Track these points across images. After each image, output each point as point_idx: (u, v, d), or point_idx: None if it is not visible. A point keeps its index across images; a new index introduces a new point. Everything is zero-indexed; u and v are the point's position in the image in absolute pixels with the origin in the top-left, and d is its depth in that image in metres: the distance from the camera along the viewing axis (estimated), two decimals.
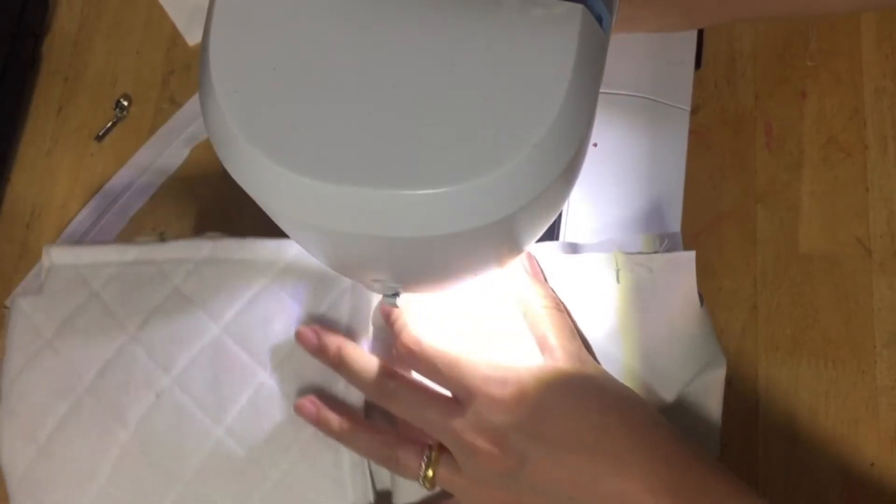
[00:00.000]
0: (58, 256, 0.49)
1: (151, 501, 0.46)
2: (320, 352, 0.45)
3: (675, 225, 0.50)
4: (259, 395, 0.46)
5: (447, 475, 0.42)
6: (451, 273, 0.41)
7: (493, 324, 0.48)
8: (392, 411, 0.44)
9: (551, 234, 0.50)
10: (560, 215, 0.50)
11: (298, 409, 0.45)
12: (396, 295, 0.42)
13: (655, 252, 0.47)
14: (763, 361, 0.52)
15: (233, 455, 0.45)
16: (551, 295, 0.46)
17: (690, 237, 0.54)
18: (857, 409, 0.51)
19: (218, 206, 0.59)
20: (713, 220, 0.55)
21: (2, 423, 0.47)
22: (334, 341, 0.45)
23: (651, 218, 0.50)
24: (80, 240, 0.59)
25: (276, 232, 0.38)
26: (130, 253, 0.49)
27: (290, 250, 0.48)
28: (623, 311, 0.46)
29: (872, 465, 0.50)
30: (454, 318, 0.48)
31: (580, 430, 0.40)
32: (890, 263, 0.53)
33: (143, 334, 0.47)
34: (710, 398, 0.45)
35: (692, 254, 0.46)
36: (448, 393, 0.43)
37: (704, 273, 0.51)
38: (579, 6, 0.32)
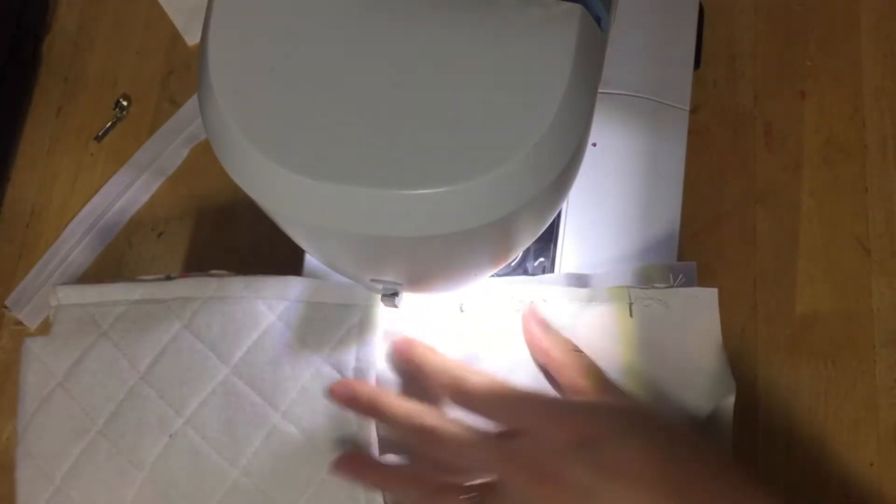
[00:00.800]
0: (64, 296, 0.50)
1: None
2: (352, 403, 0.45)
3: (674, 225, 0.50)
4: (273, 436, 0.46)
5: None
6: (451, 273, 0.41)
7: (493, 324, 0.48)
8: (438, 456, 0.43)
9: (550, 233, 0.50)
10: (559, 214, 0.50)
11: (337, 469, 0.44)
12: (396, 295, 0.42)
13: (670, 286, 0.46)
14: (763, 361, 0.52)
15: (250, 495, 0.46)
16: (566, 339, 0.46)
17: (690, 237, 0.54)
18: (857, 409, 0.51)
19: (217, 206, 0.59)
20: (713, 220, 0.55)
21: (18, 464, 0.47)
22: (366, 392, 0.45)
23: (650, 218, 0.50)
24: (79, 239, 0.59)
25: (275, 231, 0.38)
26: (137, 291, 0.49)
27: (294, 288, 0.48)
28: (635, 345, 0.46)
29: (872, 465, 0.50)
30: (454, 318, 0.48)
31: (647, 464, 0.38)
32: (889, 263, 0.53)
33: (154, 375, 0.47)
34: (722, 426, 0.45)
35: (714, 291, 0.45)
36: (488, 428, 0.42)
37: (704, 273, 0.51)
38: (578, 6, 0.32)
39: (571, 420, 0.40)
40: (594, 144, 0.51)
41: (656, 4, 0.54)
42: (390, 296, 0.42)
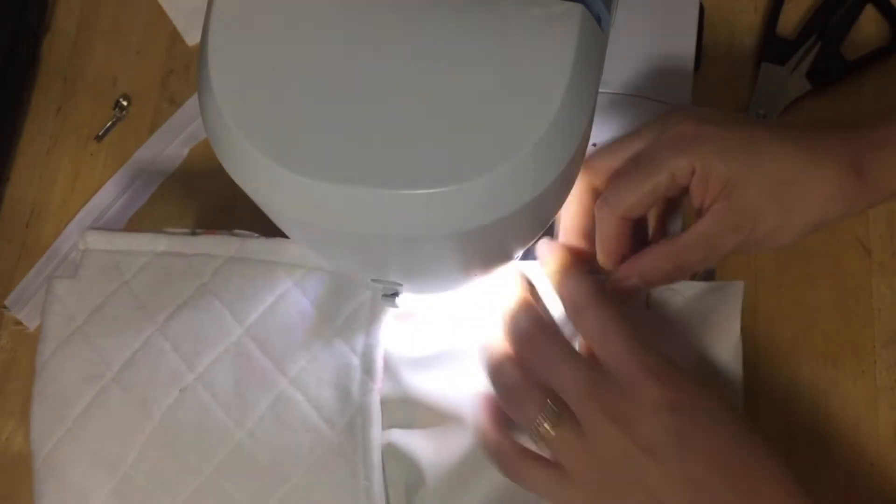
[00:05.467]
0: (93, 241, 0.51)
1: (172, 490, 0.47)
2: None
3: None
4: (279, 402, 0.46)
5: (567, 438, 0.40)
6: (452, 273, 0.41)
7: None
8: (530, 363, 0.42)
9: (551, 233, 0.50)
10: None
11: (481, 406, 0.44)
12: (396, 295, 0.42)
13: (690, 279, 0.45)
14: (763, 361, 0.52)
15: (253, 456, 0.46)
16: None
17: None
18: (857, 409, 0.51)
19: (217, 206, 0.59)
20: None
21: (33, 402, 0.49)
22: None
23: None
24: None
25: (275, 231, 0.38)
26: (162, 243, 0.50)
27: (314, 255, 0.49)
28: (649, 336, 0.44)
29: (872, 465, 0.50)
30: (453, 319, 0.48)
31: (723, 449, 0.38)
32: (889, 263, 0.53)
33: (170, 328, 0.48)
34: None
35: (741, 284, 0.44)
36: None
37: None
38: (578, 6, 0.32)
39: (659, 377, 0.39)
40: (594, 145, 0.51)
41: (656, 4, 0.54)
42: (390, 295, 0.42)
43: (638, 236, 0.45)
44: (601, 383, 0.40)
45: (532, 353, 0.42)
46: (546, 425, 0.40)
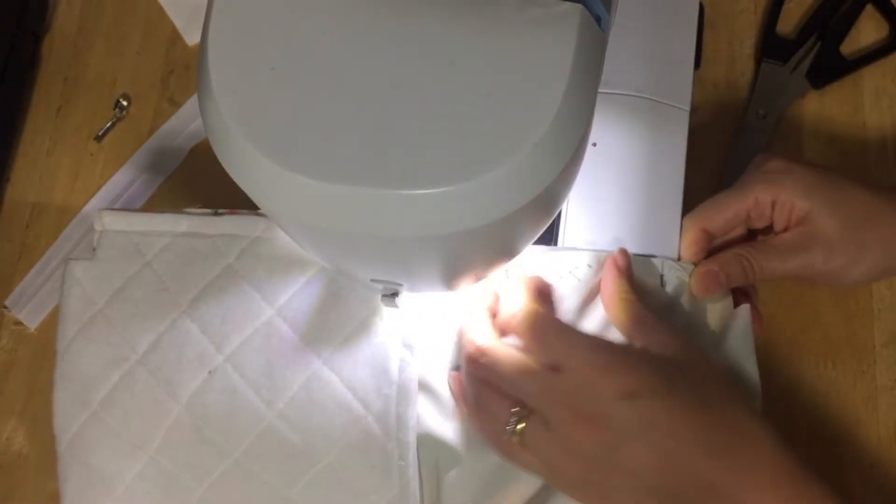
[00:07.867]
0: (110, 222, 0.50)
1: (199, 474, 0.46)
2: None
3: (674, 225, 0.50)
4: (312, 383, 0.46)
5: (536, 433, 0.41)
6: (452, 273, 0.41)
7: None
8: (488, 377, 0.44)
9: (550, 234, 0.50)
10: (559, 215, 0.50)
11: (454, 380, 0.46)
12: (396, 295, 0.42)
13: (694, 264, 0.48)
14: (763, 361, 0.52)
15: (283, 438, 0.46)
16: (625, 286, 0.46)
17: None
18: (857, 409, 0.51)
19: (217, 206, 0.59)
20: None
21: (55, 386, 0.48)
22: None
23: (651, 218, 0.50)
24: (79, 239, 0.59)
25: None
26: (183, 224, 0.49)
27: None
28: (666, 314, 0.46)
29: (872, 465, 0.50)
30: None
31: (685, 423, 0.39)
32: None
33: (196, 310, 0.47)
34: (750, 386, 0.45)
35: (747, 306, 0.47)
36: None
37: None
38: (578, 6, 0.32)
39: (615, 371, 0.41)
40: (594, 144, 0.51)
41: (656, 4, 0.54)
42: (390, 296, 0.42)
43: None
44: (560, 385, 0.41)
45: (489, 369, 0.44)
46: (519, 426, 0.42)
